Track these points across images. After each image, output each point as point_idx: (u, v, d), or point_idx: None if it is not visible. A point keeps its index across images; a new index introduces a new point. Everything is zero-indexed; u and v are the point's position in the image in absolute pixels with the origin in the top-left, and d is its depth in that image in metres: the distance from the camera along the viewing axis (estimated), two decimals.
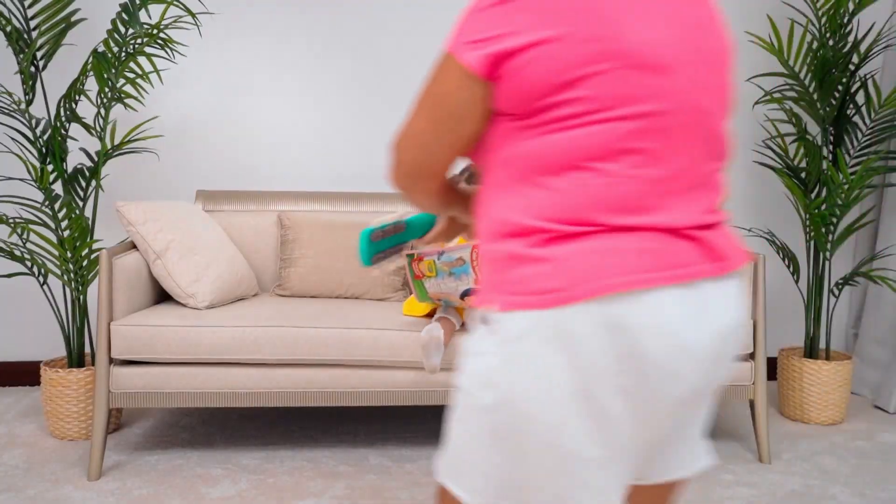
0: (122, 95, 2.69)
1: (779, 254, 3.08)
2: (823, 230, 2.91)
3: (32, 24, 2.72)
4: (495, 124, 0.99)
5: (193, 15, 2.65)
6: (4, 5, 2.65)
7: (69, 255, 2.59)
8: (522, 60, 0.91)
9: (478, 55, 0.93)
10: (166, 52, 2.72)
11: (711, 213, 0.99)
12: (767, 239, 3.07)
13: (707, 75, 0.96)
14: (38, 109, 3.04)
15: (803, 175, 3.04)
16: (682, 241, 0.95)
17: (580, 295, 0.89)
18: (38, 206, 2.55)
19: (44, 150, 2.66)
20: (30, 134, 2.79)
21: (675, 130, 0.94)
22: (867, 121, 3.08)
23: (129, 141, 2.76)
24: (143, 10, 2.98)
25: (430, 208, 1.15)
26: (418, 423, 2.85)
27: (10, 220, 2.55)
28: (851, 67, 2.97)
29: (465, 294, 2.33)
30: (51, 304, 2.73)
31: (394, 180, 1.08)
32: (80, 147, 2.91)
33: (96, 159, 2.73)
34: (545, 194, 0.93)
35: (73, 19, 2.70)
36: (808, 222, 2.95)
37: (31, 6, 2.65)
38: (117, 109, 3.08)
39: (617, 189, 0.92)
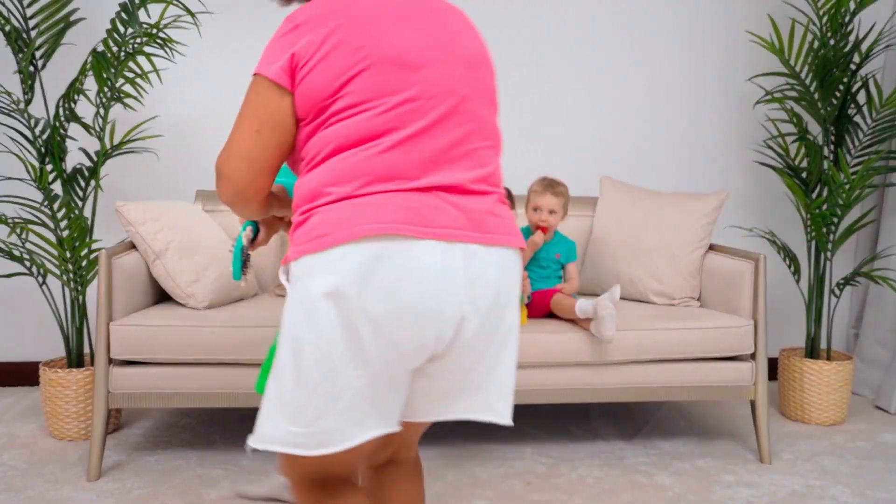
0: (122, 95, 2.69)
1: (780, 254, 3.07)
2: (824, 230, 2.91)
3: (31, 23, 2.71)
4: (299, 132, 1.22)
5: (193, 15, 2.64)
6: (3, 5, 2.65)
7: (68, 255, 2.58)
8: (308, 68, 1.16)
9: (277, 66, 1.18)
10: (166, 52, 2.71)
11: (477, 183, 1.21)
12: (768, 239, 3.07)
13: (463, 71, 1.21)
14: (37, 109, 3.04)
15: (804, 175, 3.03)
16: (447, 207, 1.16)
17: (341, 238, 1.10)
18: (38, 206, 2.55)
19: (43, 149, 2.65)
20: (29, 134, 2.79)
21: (433, 112, 1.18)
22: (868, 120, 3.08)
23: (129, 141, 2.75)
24: (142, 10, 2.98)
25: (256, 216, 1.35)
26: None
27: (10, 220, 2.55)
28: (852, 67, 2.96)
29: None
30: (50, 305, 2.73)
31: (225, 198, 1.26)
32: (79, 147, 2.91)
33: (95, 159, 2.73)
34: (325, 170, 1.16)
35: (72, 19, 2.70)
36: (808, 222, 2.95)
37: (29, 6, 2.64)
38: (116, 109, 3.08)
39: (381, 160, 1.15)
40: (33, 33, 2.75)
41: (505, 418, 1.26)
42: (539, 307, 2.57)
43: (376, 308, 1.09)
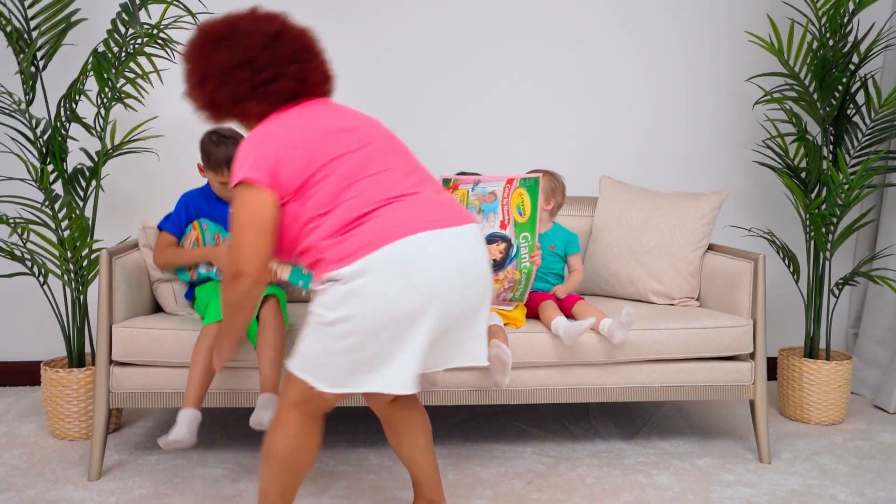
0: (123, 95, 2.69)
1: (779, 254, 3.08)
2: (823, 230, 2.92)
3: (32, 24, 2.71)
4: (284, 211, 1.61)
5: (193, 15, 2.65)
6: (4, 5, 2.65)
7: (69, 255, 2.59)
8: (280, 167, 1.58)
9: (258, 172, 1.58)
10: (166, 53, 2.72)
11: (440, 190, 1.70)
12: (767, 239, 3.07)
13: (374, 129, 1.72)
14: (38, 109, 3.04)
15: (803, 175, 3.04)
16: (433, 208, 1.60)
17: (381, 243, 1.51)
18: (39, 206, 2.55)
19: (44, 150, 2.66)
20: (30, 134, 2.79)
21: (378, 152, 1.66)
22: (867, 121, 3.08)
23: (130, 141, 2.76)
24: (143, 10, 2.98)
25: (255, 303, 1.69)
26: None
27: (11, 220, 2.55)
28: (851, 67, 2.97)
29: (487, 242, 2.25)
30: (51, 305, 2.73)
31: (241, 298, 1.64)
32: (80, 147, 2.91)
33: (96, 159, 2.73)
34: (340, 211, 1.57)
35: (73, 19, 2.71)
36: (808, 222, 2.95)
37: (31, 6, 2.65)
38: (117, 109, 3.08)
39: (374, 187, 1.59)
40: (34, 34, 2.75)
41: (483, 360, 1.71)
42: (532, 309, 2.55)
43: (420, 289, 1.51)
